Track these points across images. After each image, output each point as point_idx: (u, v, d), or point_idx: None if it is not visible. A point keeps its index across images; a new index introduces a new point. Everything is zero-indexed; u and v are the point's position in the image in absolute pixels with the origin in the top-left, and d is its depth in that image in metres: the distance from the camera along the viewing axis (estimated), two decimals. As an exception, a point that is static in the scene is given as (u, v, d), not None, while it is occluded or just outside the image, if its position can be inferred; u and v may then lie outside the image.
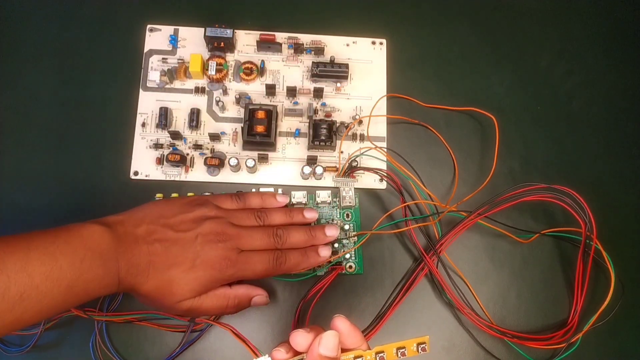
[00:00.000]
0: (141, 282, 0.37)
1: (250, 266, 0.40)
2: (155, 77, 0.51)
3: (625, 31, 0.58)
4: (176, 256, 0.38)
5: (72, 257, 0.34)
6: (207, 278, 0.39)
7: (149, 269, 0.37)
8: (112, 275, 0.36)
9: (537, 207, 0.50)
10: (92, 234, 0.36)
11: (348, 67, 0.51)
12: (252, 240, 0.41)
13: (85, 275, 0.34)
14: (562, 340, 0.46)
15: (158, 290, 0.38)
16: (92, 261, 0.35)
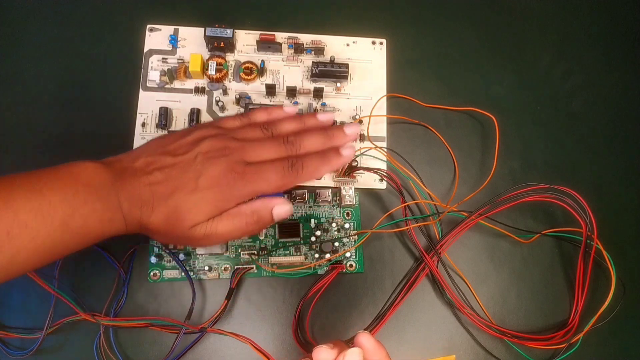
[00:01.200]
0: (147, 214, 0.35)
1: (262, 177, 0.36)
2: (155, 77, 0.51)
3: (625, 31, 0.58)
4: (177, 180, 0.35)
5: (63, 192, 0.31)
6: (215, 196, 0.35)
7: (153, 200, 0.35)
8: (114, 209, 0.34)
9: (537, 207, 0.50)
10: (84, 169, 0.33)
11: (348, 67, 0.51)
12: (260, 150, 0.37)
13: (80, 210, 0.32)
14: (563, 340, 0.46)
15: (167, 220, 0.35)
16: (86, 195, 0.32)
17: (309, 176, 0.38)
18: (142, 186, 0.35)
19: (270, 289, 0.47)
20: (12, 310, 0.45)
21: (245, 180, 0.36)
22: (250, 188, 0.36)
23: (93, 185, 0.33)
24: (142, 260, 0.47)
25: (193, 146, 0.37)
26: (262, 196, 0.38)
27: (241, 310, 0.46)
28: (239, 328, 0.46)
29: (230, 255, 0.47)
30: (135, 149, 0.38)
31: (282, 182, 0.37)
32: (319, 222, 0.49)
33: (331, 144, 0.39)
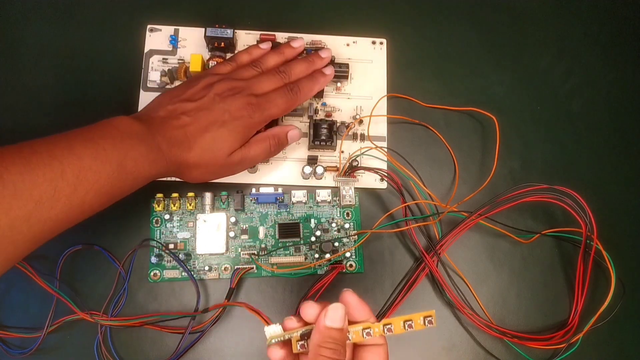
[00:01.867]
0: (186, 151, 0.40)
1: (273, 103, 0.43)
2: (156, 78, 0.51)
3: (625, 31, 0.58)
4: (206, 118, 0.41)
5: (112, 140, 0.36)
6: (243, 126, 0.42)
7: (188, 138, 0.40)
8: (156, 150, 0.38)
9: (537, 207, 0.50)
10: (121, 122, 0.38)
11: (348, 66, 0.51)
12: (263, 84, 0.44)
13: (130, 153, 0.36)
14: (562, 340, 0.46)
15: (206, 153, 0.40)
16: (131, 140, 0.37)
17: (306, 96, 0.46)
18: (174, 129, 0.40)
19: (270, 289, 0.47)
20: (12, 309, 0.45)
21: (261, 108, 0.43)
22: (266, 115, 0.43)
23: (134, 133, 0.38)
24: (143, 260, 0.47)
25: (206, 91, 0.42)
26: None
27: (241, 310, 0.46)
28: (239, 328, 0.46)
29: (230, 255, 0.47)
30: (148, 105, 0.43)
31: (287, 105, 0.44)
32: (319, 222, 0.49)
33: (314, 68, 0.48)
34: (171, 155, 0.39)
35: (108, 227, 0.47)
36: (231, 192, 0.48)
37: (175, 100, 0.42)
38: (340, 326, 0.31)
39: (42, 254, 0.46)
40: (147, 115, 0.41)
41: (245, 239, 0.48)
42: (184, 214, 0.48)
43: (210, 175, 0.44)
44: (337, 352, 0.30)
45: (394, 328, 0.32)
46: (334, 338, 0.30)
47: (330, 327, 0.31)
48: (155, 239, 0.47)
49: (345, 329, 0.31)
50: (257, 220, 0.48)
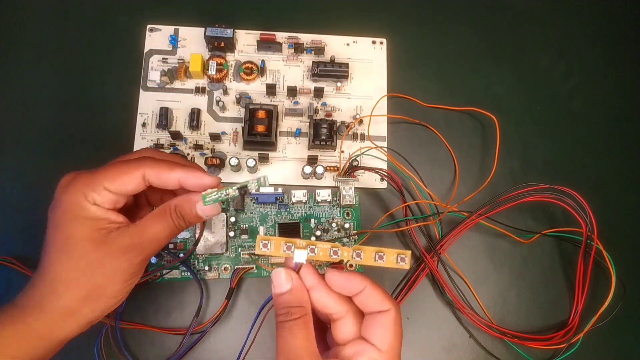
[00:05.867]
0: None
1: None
2: (156, 77, 0.51)
3: (625, 31, 0.58)
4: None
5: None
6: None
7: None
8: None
9: (537, 207, 0.50)
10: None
11: (348, 66, 0.51)
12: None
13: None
14: (563, 340, 0.46)
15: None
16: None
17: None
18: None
19: (270, 288, 0.47)
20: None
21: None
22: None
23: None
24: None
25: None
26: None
27: (241, 310, 0.46)
28: (239, 328, 0.46)
29: (230, 255, 0.47)
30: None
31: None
32: (319, 222, 0.49)
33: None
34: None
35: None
36: (231, 192, 0.48)
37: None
38: (284, 290, 0.31)
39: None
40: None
41: (245, 239, 0.48)
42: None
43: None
44: (288, 314, 0.30)
45: (364, 256, 0.31)
46: (284, 302, 0.31)
47: (278, 293, 0.31)
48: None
49: (294, 288, 0.31)
50: (257, 220, 0.48)
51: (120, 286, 0.32)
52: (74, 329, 0.32)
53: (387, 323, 0.31)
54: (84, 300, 0.31)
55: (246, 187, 0.32)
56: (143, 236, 0.32)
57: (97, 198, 0.32)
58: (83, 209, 0.31)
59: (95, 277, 0.31)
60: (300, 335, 0.30)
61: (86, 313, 0.32)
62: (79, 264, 0.31)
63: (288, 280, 0.31)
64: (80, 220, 0.31)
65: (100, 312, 0.32)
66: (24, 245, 0.46)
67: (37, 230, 0.47)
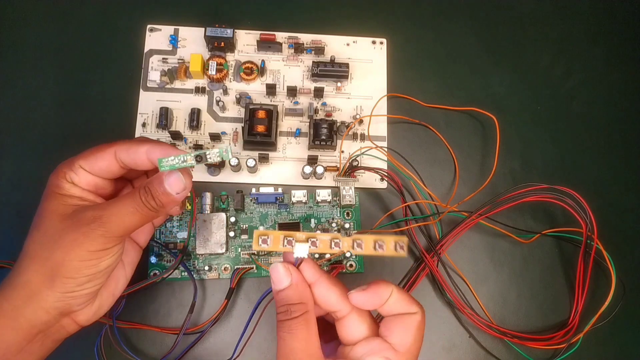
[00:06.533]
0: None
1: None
2: (156, 77, 0.51)
3: (625, 31, 0.58)
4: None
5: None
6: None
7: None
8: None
9: (537, 207, 0.50)
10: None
11: (348, 66, 0.51)
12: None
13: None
14: (563, 340, 0.46)
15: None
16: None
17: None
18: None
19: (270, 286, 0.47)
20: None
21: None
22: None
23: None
24: (142, 260, 0.46)
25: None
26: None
27: (241, 310, 0.46)
28: (239, 328, 0.46)
29: (230, 255, 0.47)
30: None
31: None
32: (319, 222, 0.49)
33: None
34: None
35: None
36: (231, 192, 0.48)
37: None
38: (283, 286, 0.30)
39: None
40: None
41: (245, 239, 0.48)
42: (184, 214, 0.48)
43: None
44: (288, 312, 0.30)
45: (364, 245, 0.31)
46: (284, 299, 0.30)
47: (277, 289, 0.31)
48: (155, 239, 0.47)
49: (294, 283, 0.30)
50: (257, 220, 0.48)
51: (78, 264, 0.31)
52: (40, 314, 0.31)
53: (410, 325, 0.30)
54: (44, 278, 0.31)
55: (204, 156, 0.32)
56: (105, 210, 0.32)
57: (74, 177, 0.33)
58: (59, 187, 0.33)
59: (54, 251, 0.31)
60: (300, 335, 0.29)
61: (48, 296, 0.31)
62: (43, 237, 0.31)
63: (287, 275, 0.31)
64: (54, 196, 0.32)
65: (61, 295, 0.31)
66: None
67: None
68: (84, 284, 0.31)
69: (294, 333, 0.29)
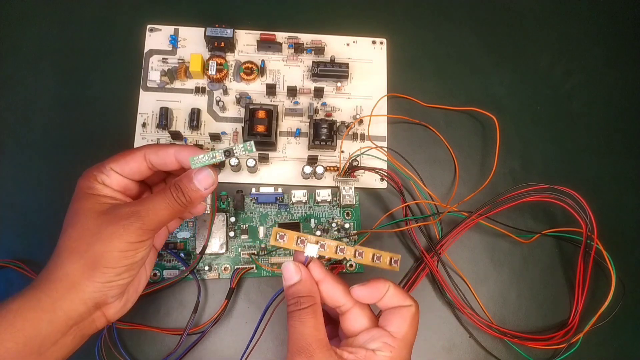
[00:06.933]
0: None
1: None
2: (156, 77, 0.51)
3: (625, 31, 0.58)
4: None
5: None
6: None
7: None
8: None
9: (537, 207, 0.50)
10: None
11: (348, 66, 0.51)
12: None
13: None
14: (563, 340, 0.46)
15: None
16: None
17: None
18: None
19: (270, 289, 0.47)
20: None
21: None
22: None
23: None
24: (142, 260, 0.47)
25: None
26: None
27: (241, 310, 0.46)
28: (239, 328, 0.46)
29: (230, 255, 0.47)
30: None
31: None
32: (319, 222, 0.49)
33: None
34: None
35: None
36: (231, 192, 0.48)
37: None
38: (294, 281, 0.33)
39: (42, 256, 0.46)
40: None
41: (245, 238, 0.48)
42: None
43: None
44: (298, 303, 0.33)
45: (365, 256, 0.35)
46: (294, 292, 0.33)
47: (288, 285, 0.34)
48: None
49: (303, 279, 0.33)
50: (257, 220, 0.48)
51: (118, 254, 0.33)
52: (78, 305, 0.32)
53: (406, 315, 0.33)
54: (83, 268, 0.32)
55: (232, 151, 0.35)
56: (141, 205, 0.34)
57: (105, 179, 0.35)
58: (91, 188, 0.35)
59: (94, 244, 0.32)
60: (309, 323, 0.32)
61: (87, 286, 0.32)
62: (80, 233, 0.33)
63: (297, 272, 0.34)
64: (88, 196, 0.34)
65: (101, 285, 0.32)
66: (24, 247, 0.46)
67: (37, 231, 0.47)
68: (122, 273, 0.33)
69: (304, 321, 0.32)
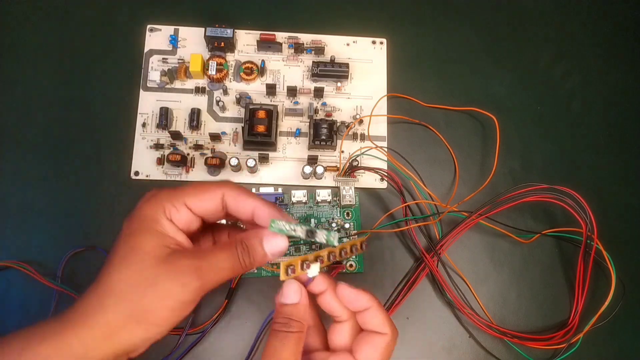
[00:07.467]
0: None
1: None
2: (156, 77, 0.51)
3: (625, 31, 0.58)
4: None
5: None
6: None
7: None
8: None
9: (537, 207, 0.50)
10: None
11: (348, 66, 0.51)
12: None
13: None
14: (563, 340, 0.46)
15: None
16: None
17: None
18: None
19: (270, 289, 0.47)
20: (12, 310, 0.45)
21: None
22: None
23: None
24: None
25: None
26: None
27: (241, 310, 0.47)
28: (239, 328, 0.46)
29: (230, 255, 0.47)
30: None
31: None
32: (319, 222, 0.49)
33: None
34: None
35: (109, 228, 0.47)
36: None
37: None
38: (290, 302, 0.31)
39: (44, 257, 0.46)
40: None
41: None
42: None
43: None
44: (287, 325, 0.30)
45: (336, 253, 0.33)
46: (285, 313, 0.31)
47: (282, 303, 0.31)
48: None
49: (301, 303, 0.31)
50: (257, 220, 0.48)
51: (167, 314, 0.29)
52: (109, 355, 0.29)
53: (379, 345, 0.31)
54: (127, 319, 0.28)
55: (314, 234, 0.32)
56: (204, 260, 0.30)
57: (174, 214, 0.31)
58: (157, 222, 0.30)
59: (145, 296, 0.28)
60: (290, 348, 0.30)
61: (125, 336, 0.28)
62: (134, 278, 0.29)
63: (297, 293, 0.31)
64: (151, 233, 0.30)
65: (138, 340, 0.29)
66: (24, 247, 0.46)
67: (37, 231, 0.47)
68: (164, 331, 0.29)
69: (285, 344, 0.30)
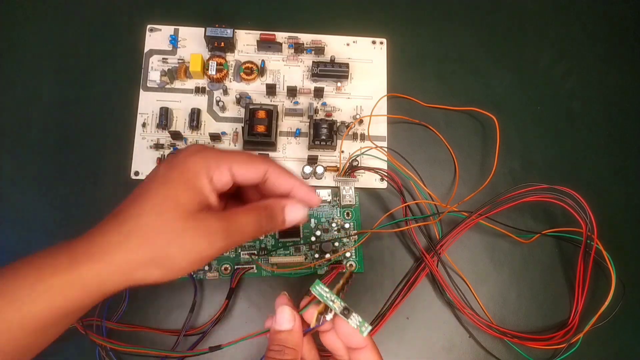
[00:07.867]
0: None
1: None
2: (156, 77, 0.51)
3: (625, 31, 0.58)
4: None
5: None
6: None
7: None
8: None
9: (537, 207, 0.50)
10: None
11: (348, 66, 0.51)
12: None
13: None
14: (563, 340, 0.46)
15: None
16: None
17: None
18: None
19: (270, 289, 0.47)
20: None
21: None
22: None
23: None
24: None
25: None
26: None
27: (241, 310, 0.47)
28: (239, 328, 0.46)
29: (230, 255, 0.47)
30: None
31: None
32: (319, 222, 0.49)
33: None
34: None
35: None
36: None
37: None
38: (284, 329, 0.31)
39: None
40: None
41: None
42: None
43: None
44: (282, 352, 0.30)
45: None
46: (279, 340, 0.31)
47: (276, 330, 0.31)
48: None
49: (295, 330, 0.31)
50: (257, 220, 0.48)
51: (187, 265, 0.29)
52: (119, 287, 0.29)
53: (371, 358, 0.32)
54: (149, 262, 0.28)
55: (348, 314, 0.31)
56: (231, 222, 0.31)
57: (216, 175, 0.31)
58: (197, 178, 0.30)
59: (171, 245, 0.29)
60: None
61: (141, 275, 0.29)
62: (164, 226, 0.29)
63: (291, 320, 0.31)
64: (189, 186, 0.30)
65: (152, 280, 0.29)
66: (24, 247, 0.46)
67: (37, 231, 0.47)
68: (176, 278, 0.30)
69: None
